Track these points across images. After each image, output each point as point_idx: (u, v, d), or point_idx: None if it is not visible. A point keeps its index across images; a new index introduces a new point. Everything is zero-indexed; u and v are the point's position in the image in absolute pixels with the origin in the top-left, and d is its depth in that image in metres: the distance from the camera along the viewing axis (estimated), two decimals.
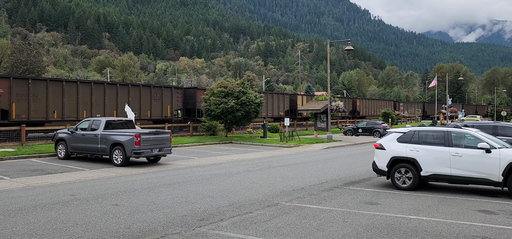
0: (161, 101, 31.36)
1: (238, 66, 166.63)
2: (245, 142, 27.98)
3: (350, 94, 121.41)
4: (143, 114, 30.02)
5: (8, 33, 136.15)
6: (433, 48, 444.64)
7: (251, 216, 8.45)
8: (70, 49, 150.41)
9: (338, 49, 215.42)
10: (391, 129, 13.38)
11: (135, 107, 28.69)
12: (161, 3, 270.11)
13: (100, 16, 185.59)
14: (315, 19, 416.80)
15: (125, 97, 28.61)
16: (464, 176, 10.85)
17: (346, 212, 8.93)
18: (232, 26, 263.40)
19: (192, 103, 34.96)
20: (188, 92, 36.13)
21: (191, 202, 9.66)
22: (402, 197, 10.60)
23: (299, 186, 11.98)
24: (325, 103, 32.89)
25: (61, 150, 18.08)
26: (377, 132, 36.06)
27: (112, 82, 31.70)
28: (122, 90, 28.93)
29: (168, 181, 12.63)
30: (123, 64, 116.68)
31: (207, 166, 16.48)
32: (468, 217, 8.63)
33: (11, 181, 12.45)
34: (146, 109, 30.26)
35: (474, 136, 11.02)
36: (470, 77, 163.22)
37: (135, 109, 28.77)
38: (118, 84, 29.66)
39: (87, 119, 18.43)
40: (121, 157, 15.87)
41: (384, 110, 53.80)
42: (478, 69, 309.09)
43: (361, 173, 14.86)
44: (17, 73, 65.81)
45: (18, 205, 9.19)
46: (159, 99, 31.23)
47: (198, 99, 33.97)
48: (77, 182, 12.49)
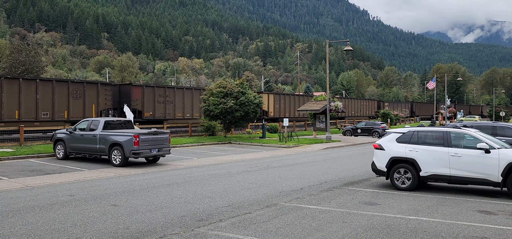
0: (84, 100, 27.11)
1: (237, 66, 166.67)
2: (244, 142, 27.96)
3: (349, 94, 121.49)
4: (57, 115, 25.73)
5: (6, 33, 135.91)
6: (431, 48, 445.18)
7: (250, 217, 8.43)
8: (68, 49, 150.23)
9: (337, 50, 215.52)
10: (390, 130, 13.38)
11: (47, 107, 25.12)
12: (160, 3, 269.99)
13: (99, 17, 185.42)
14: (314, 19, 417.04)
15: None
16: (463, 177, 10.85)
17: (345, 212, 8.92)
18: (231, 27, 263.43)
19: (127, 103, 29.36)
20: (123, 89, 31.71)
21: (190, 203, 9.64)
22: (401, 197, 10.60)
23: (298, 187, 11.97)
24: (324, 104, 32.88)
25: (59, 150, 18.04)
26: (376, 132, 36.08)
27: None
28: None
29: (167, 182, 12.61)
30: (122, 65, 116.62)
31: (206, 166, 16.46)
32: (468, 217, 8.62)
33: (10, 181, 12.41)
34: (62, 109, 25.94)
35: (473, 136, 11.02)
36: (468, 78, 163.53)
37: (47, 109, 25.18)
38: None
39: (86, 119, 18.40)
40: (120, 157, 15.84)
41: (383, 111, 53.82)
42: (476, 69, 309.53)
43: (360, 173, 14.85)
44: (16, 73, 65.71)
45: (17, 206, 9.15)
46: (80, 97, 26.96)
47: (133, 97, 30.14)
48: (75, 182, 12.46)
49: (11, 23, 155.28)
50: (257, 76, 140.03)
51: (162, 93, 32.23)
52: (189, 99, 34.45)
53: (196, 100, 34.52)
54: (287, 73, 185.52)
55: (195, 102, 34.60)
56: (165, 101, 32.22)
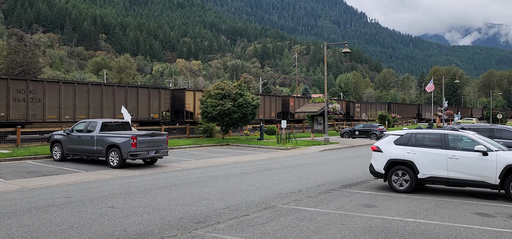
0: None
1: (235, 68, 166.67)
2: (242, 144, 27.93)
3: (347, 97, 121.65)
4: None
5: (4, 34, 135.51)
6: (429, 51, 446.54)
7: (248, 219, 8.41)
8: (66, 50, 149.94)
9: (335, 52, 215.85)
10: (388, 132, 13.38)
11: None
12: (158, 5, 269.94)
13: (96, 18, 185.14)
14: (312, 21, 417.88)
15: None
16: (461, 179, 10.85)
17: (343, 214, 8.90)
18: (229, 28, 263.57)
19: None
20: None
21: (187, 205, 9.60)
22: (399, 199, 10.59)
23: (296, 189, 11.95)
24: (322, 106, 32.90)
25: (56, 151, 17.96)
26: (374, 134, 36.11)
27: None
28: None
29: (164, 183, 12.56)
30: (119, 66, 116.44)
31: (204, 168, 16.43)
32: (465, 219, 8.62)
33: (6, 183, 12.35)
34: None
35: (471, 139, 11.03)
36: (466, 80, 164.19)
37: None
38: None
39: (83, 121, 18.34)
40: (117, 159, 15.78)
41: (381, 113, 53.90)
42: (474, 72, 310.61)
43: (358, 175, 14.84)
44: (13, 74, 65.49)
45: (13, 208, 9.10)
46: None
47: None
48: (72, 184, 12.40)
49: (9, 24, 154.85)
50: (255, 78, 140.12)
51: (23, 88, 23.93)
52: None
53: None
54: (285, 75, 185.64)
55: None
56: (27, 100, 23.97)
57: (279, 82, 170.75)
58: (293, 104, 45.74)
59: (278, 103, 44.39)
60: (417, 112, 79.26)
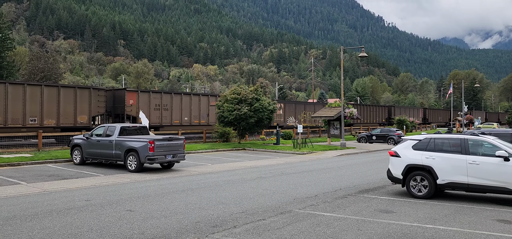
0: None
1: (251, 73, 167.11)
2: (258, 148, 27.96)
3: (364, 101, 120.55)
4: None
5: (26, 41, 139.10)
6: (448, 55, 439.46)
7: (264, 223, 8.41)
8: (86, 56, 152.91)
9: (352, 56, 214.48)
10: (406, 137, 13.23)
11: None
12: (176, 11, 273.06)
13: (115, 24, 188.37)
14: (328, 26, 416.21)
15: None
16: (481, 185, 10.64)
17: (360, 220, 8.82)
18: (246, 33, 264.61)
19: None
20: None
21: (204, 209, 9.66)
22: (417, 205, 10.44)
23: (312, 193, 11.90)
24: (338, 110, 32.70)
25: (76, 155, 18.30)
26: (392, 139, 35.68)
27: None
28: None
29: (181, 187, 12.67)
30: (137, 71, 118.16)
31: (220, 172, 16.50)
32: (486, 226, 8.44)
33: (28, 186, 12.64)
34: None
35: (492, 144, 10.82)
36: (486, 84, 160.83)
37: None
38: None
39: (102, 125, 18.64)
40: (135, 163, 15.99)
41: (398, 118, 53.21)
42: (494, 76, 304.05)
43: (375, 180, 14.69)
44: (35, 80, 67.07)
45: (35, 210, 9.31)
46: None
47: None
48: (92, 187, 12.62)
49: (31, 31, 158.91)
50: (271, 82, 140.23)
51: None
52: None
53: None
54: (301, 79, 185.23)
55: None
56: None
57: (295, 87, 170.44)
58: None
59: None
60: (387, 116, 75.41)
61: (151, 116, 29.19)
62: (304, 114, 44.45)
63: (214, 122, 32.17)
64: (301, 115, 43.88)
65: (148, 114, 28.63)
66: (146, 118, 24.79)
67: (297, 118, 42.86)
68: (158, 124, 29.92)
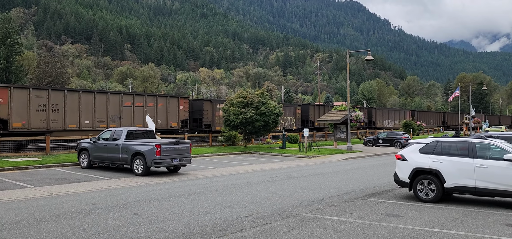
0: None
1: (257, 76, 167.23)
2: (264, 152, 27.95)
3: (370, 104, 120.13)
4: None
5: (34, 45, 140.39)
6: (455, 57, 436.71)
7: (270, 227, 8.41)
8: (93, 60, 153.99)
9: (358, 59, 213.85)
10: (412, 140, 13.16)
11: None
12: (182, 15, 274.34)
13: (122, 29, 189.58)
14: (334, 29, 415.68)
15: None
16: (489, 188, 10.55)
17: (367, 224, 8.78)
18: (251, 37, 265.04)
19: None
20: None
21: (210, 212, 9.68)
22: (425, 209, 10.38)
23: (319, 197, 11.87)
24: (345, 114, 32.61)
25: (83, 159, 18.42)
26: (398, 143, 35.50)
27: None
28: None
29: (187, 191, 12.70)
30: (144, 75, 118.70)
31: (227, 176, 16.52)
32: (495, 231, 8.37)
33: (36, 190, 12.74)
34: None
35: (500, 147, 10.73)
36: (494, 87, 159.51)
37: None
38: None
39: (109, 129, 18.75)
40: (142, 167, 16.05)
41: (405, 121, 52.95)
42: (502, 79, 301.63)
43: (382, 184, 14.63)
44: (43, 84, 67.67)
45: (42, 214, 9.38)
46: None
47: None
48: (99, 191, 12.69)
49: (39, 36, 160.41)
50: (277, 86, 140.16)
51: None
52: None
53: None
54: (307, 83, 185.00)
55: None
56: None
57: (301, 91, 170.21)
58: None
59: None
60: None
61: (32, 119, 23.32)
62: None
63: (130, 124, 27.52)
64: None
65: (26, 117, 23.19)
66: (152, 122, 24.88)
67: None
68: (44, 128, 23.82)
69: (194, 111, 34.58)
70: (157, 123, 28.55)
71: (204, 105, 34.68)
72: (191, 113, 33.75)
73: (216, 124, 34.01)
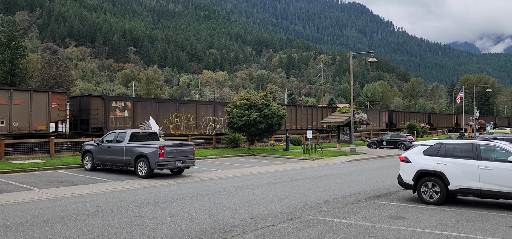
0: None
1: (261, 79, 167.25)
2: (268, 154, 27.93)
3: (374, 106, 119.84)
4: None
5: (38, 48, 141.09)
6: (459, 59, 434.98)
7: (274, 229, 8.39)
8: (97, 63, 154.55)
9: (361, 61, 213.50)
10: (416, 142, 13.11)
11: None
12: (185, 17, 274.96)
13: (126, 31, 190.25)
14: (337, 31, 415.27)
15: None
16: (494, 190, 10.49)
17: (371, 226, 8.75)
18: (255, 39, 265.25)
19: None
20: None
21: (214, 215, 9.67)
22: (429, 211, 10.33)
23: (322, 199, 11.84)
24: (348, 116, 32.56)
25: (87, 161, 18.47)
26: (402, 145, 35.40)
27: None
28: None
29: (191, 193, 12.70)
30: (147, 78, 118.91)
31: (230, 178, 16.51)
32: (499, 233, 8.32)
33: (40, 192, 12.78)
34: None
35: (505, 149, 10.67)
36: (498, 89, 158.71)
37: None
38: None
39: (113, 131, 18.80)
40: (145, 169, 16.08)
41: (409, 123, 52.79)
42: (507, 80, 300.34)
43: (386, 186, 14.58)
44: (47, 87, 67.98)
45: (46, 216, 9.41)
46: None
47: None
48: (102, 193, 12.72)
49: (43, 39, 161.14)
50: (281, 88, 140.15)
51: None
52: None
53: None
54: (310, 85, 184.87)
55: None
56: None
57: (304, 93, 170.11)
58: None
59: None
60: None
61: None
62: None
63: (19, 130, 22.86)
64: None
65: None
66: (156, 124, 24.92)
67: None
68: None
69: (82, 110, 27.21)
70: (13, 125, 22.43)
71: (92, 103, 26.68)
72: (78, 113, 27.21)
73: (110, 126, 26.50)
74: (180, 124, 30.94)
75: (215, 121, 33.61)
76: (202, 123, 32.52)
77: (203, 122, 32.53)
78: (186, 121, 31.36)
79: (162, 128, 27.84)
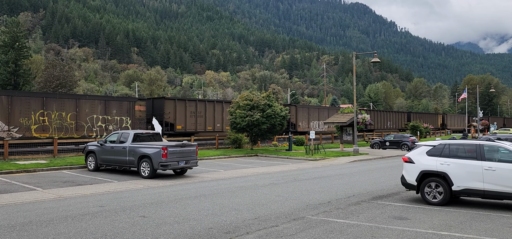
0: None
1: (263, 79, 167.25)
2: (271, 154, 27.93)
3: (377, 107, 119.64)
4: None
5: (42, 49, 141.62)
6: (462, 59, 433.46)
7: (277, 230, 8.39)
8: (100, 64, 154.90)
9: (364, 62, 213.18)
10: (420, 142, 13.08)
11: None
12: (188, 18, 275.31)
13: (129, 32, 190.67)
14: (340, 31, 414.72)
15: None
16: (498, 191, 10.45)
17: (374, 227, 8.74)
18: (257, 40, 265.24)
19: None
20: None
21: (217, 215, 9.68)
22: (432, 212, 10.30)
23: (325, 200, 11.83)
24: (351, 116, 32.51)
25: (90, 162, 18.52)
26: (405, 145, 35.31)
27: None
28: None
29: (194, 194, 12.72)
30: (150, 78, 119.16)
31: (233, 178, 16.52)
32: (504, 234, 8.29)
33: (44, 192, 12.83)
34: None
35: (508, 150, 10.63)
36: (502, 89, 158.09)
37: None
38: None
39: (116, 132, 18.84)
40: (148, 169, 16.11)
41: (413, 123, 52.66)
42: (510, 81, 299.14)
43: (389, 187, 14.55)
44: (50, 87, 68.19)
45: (50, 216, 9.44)
46: None
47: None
48: (106, 193, 12.75)
49: (47, 40, 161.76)
50: (283, 89, 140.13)
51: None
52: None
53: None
54: (313, 85, 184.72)
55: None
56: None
57: (307, 93, 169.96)
58: None
59: None
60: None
61: None
62: None
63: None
64: None
65: None
66: (158, 124, 24.97)
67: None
68: None
69: None
70: None
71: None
72: None
73: None
74: (49, 123, 23.96)
75: (107, 121, 26.28)
76: (86, 123, 25.43)
77: (87, 122, 25.44)
78: (59, 119, 24.32)
79: (18, 129, 22.34)
